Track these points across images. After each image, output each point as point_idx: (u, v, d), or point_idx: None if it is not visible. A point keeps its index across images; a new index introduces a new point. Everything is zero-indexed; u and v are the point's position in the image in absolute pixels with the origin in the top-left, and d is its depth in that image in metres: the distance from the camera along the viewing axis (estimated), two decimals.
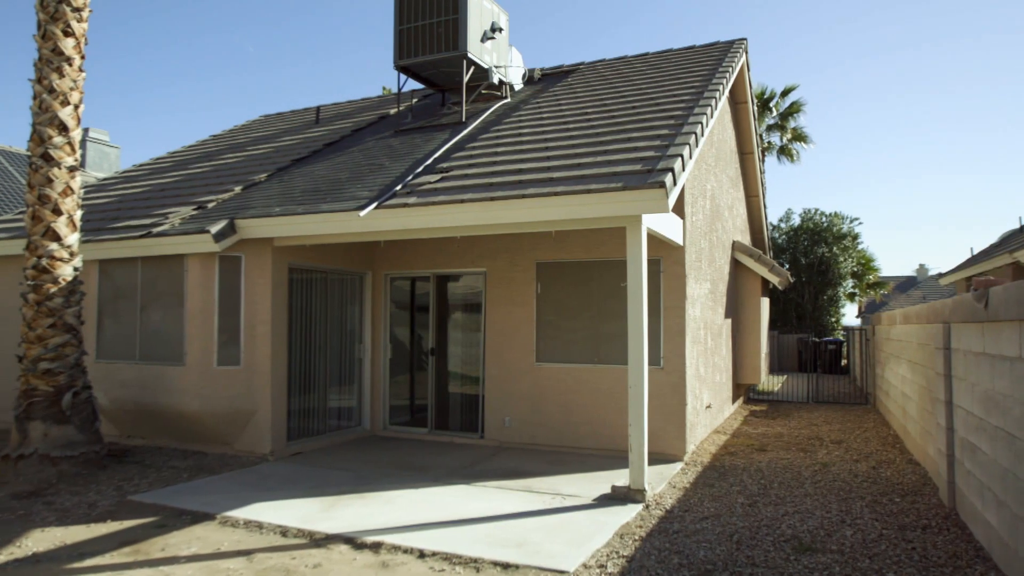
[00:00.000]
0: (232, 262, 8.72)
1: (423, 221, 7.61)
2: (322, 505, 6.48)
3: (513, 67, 12.54)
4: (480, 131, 10.23)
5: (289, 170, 10.71)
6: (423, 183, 8.17)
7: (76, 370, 7.95)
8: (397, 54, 11.61)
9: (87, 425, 7.90)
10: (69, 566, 5.01)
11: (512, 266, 9.55)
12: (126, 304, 9.27)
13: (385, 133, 11.79)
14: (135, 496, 6.79)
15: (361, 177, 9.18)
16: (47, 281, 7.82)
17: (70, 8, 7.98)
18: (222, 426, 8.72)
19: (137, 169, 13.56)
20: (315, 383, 9.64)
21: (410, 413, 10.56)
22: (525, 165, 7.94)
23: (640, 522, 6.01)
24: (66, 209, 7.98)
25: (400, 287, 10.71)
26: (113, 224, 9.60)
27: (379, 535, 5.57)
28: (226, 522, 6.01)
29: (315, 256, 9.36)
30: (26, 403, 7.64)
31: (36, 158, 7.91)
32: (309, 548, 5.41)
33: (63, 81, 7.97)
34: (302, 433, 9.34)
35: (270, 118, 16.39)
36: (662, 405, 8.53)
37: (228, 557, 5.21)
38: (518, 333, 9.45)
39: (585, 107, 10.21)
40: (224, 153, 13.17)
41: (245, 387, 8.65)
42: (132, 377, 9.07)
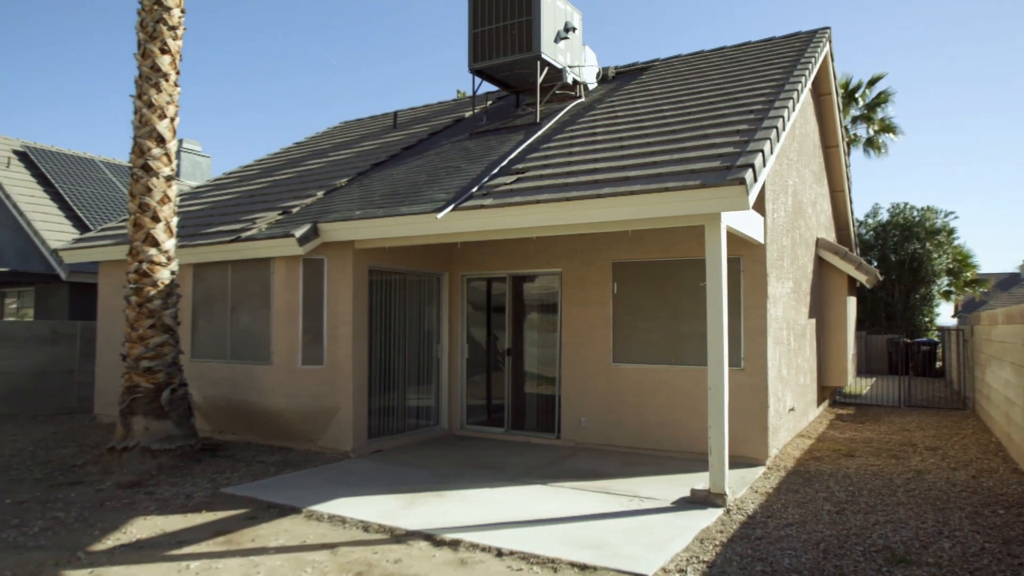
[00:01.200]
0: (315, 264, 9.03)
1: (499, 222, 7.68)
2: (402, 502, 6.62)
3: (587, 66, 12.48)
4: (554, 131, 10.23)
5: (369, 174, 11.00)
6: (499, 184, 8.24)
7: (173, 368, 8.40)
8: (472, 58, 11.75)
9: (183, 420, 8.34)
10: (169, 552, 5.30)
11: (588, 266, 9.51)
12: (218, 306, 9.74)
13: (461, 136, 11.95)
14: (227, 489, 7.11)
15: (438, 180, 9.33)
16: (147, 284, 8.29)
17: (166, 27, 8.44)
18: (306, 423, 9.04)
19: (227, 177, 14.22)
20: (394, 382, 9.86)
21: (487, 413, 10.66)
22: (600, 165, 7.90)
23: (721, 527, 5.88)
24: (164, 216, 8.44)
25: (477, 288, 10.83)
26: (206, 230, 10.09)
27: (457, 533, 5.65)
28: (311, 516, 6.23)
29: (394, 258, 9.58)
30: (129, 399, 8.13)
31: (137, 169, 8.41)
32: (390, 543, 5.54)
33: (160, 96, 8.43)
34: (382, 431, 9.58)
35: (350, 124, 16.87)
36: (743, 407, 8.31)
37: (313, 550, 5.40)
38: (594, 333, 9.40)
39: (660, 104, 10.06)
40: (307, 159, 13.64)
41: (328, 386, 8.94)
42: (223, 375, 9.51)
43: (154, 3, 8.39)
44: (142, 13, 8.46)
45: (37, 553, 5.25)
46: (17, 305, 16.03)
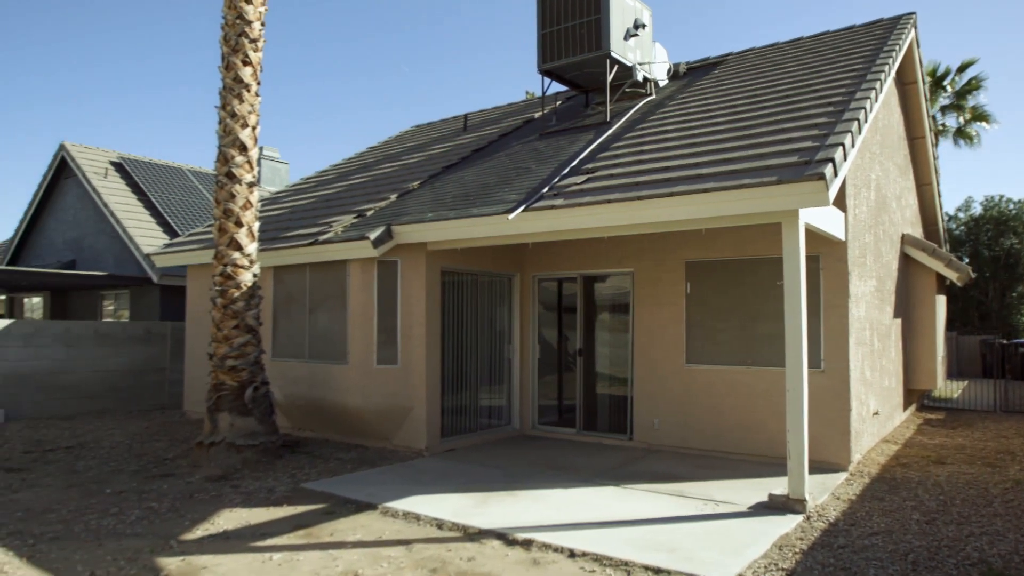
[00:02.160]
0: (389, 266, 9.23)
1: (570, 222, 7.66)
2: (474, 501, 6.69)
3: (657, 63, 12.31)
4: (625, 130, 10.14)
5: (440, 177, 11.16)
6: (569, 184, 8.22)
7: (256, 367, 8.74)
8: (540, 58, 11.76)
9: (265, 417, 8.66)
10: (253, 544, 5.52)
11: (660, 266, 9.38)
12: (297, 307, 10.08)
13: (530, 137, 11.98)
14: (306, 484, 7.35)
15: (509, 181, 9.39)
16: (231, 287, 8.66)
17: (248, 40, 8.80)
18: (381, 422, 9.25)
19: (304, 182, 14.69)
20: (467, 382, 9.97)
21: (558, 413, 10.66)
22: (672, 163, 7.78)
23: (801, 534, 5.70)
24: (246, 221, 8.79)
25: (547, 288, 10.84)
26: (285, 233, 10.46)
27: (530, 532, 5.67)
28: (386, 512, 6.37)
29: (466, 259, 9.69)
30: (216, 396, 8.50)
31: (221, 176, 8.79)
32: (463, 541, 5.61)
33: (243, 106, 8.79)
34: (455, 430, 9.70)
35: (421, 128, 17.17)
36: (823, 410, 8.03)
37: (389, 545, 5.52)
38: (667, 334, 9.27)
39: (734, 99, 9.83)
40: (380, 163, 13.96)
41: (402, 385, 9.12)
42: (302, 374, 9.83)
43: (236, 18, 8.76)
44: (225, 28, 8.84)
45: (134, 540, 5.56)
46: (114, 307, 17.01)
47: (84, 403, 13.04)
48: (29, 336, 12.52)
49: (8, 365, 12.20)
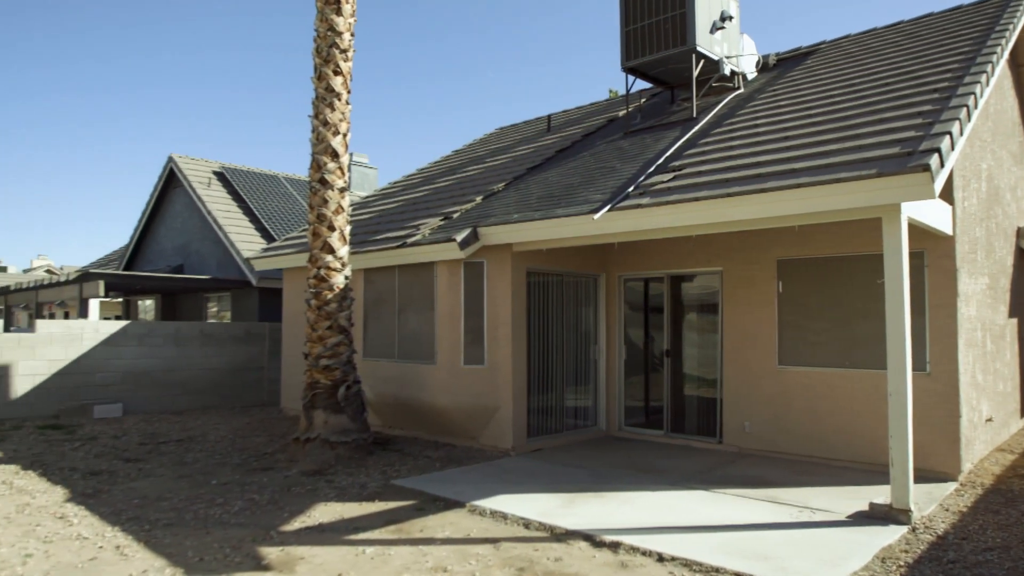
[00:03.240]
0: (475, 268, 9.35)
1: (656, 221, 7.55)
2: (561, 501, 6.69)
3: (745, 55, 11.95)
4: (712, 126, 9.90)
5: (524, 178, 11.22)
6: (655, 183, 8.10)
7: (348, 367, 9.04)
8: (624, 56, 11.64)
9: (357, 415, 8.94)
10: (347, 537, 5.71)
11: (751, 264, 9.10)
12: (386, 308, 10.36)
13: (615, 135, 11.88)
14: (396, 481, 7.54)
15: (593, 180, 9.34)
16: (325, 288, 8.99)
17: (338, 51, 9.11)
18: (468, 421, 9.37)
19: (392, 186, 15.08)
20: (552, 383, 9.98)
21: (645, 415, 10.51)
22: (763, 158, 7.53)
23: (905, 546, 5.40)
24: (338, 225, 9.11)
25: (633, 288, 10.71)
26: (374, 237, 10.77)
27: (617, 535, 5.62)
28: (474, 511, 6.45)
29: (551, 260, 9.70)
30: (311, 394, 8.85)
31: (315, 182, 9.13)
32: (550, 542, 5.62)
33: (334, 114, 9.11)
34: (541, 431, 9.72)
35: (505, 130, 17.31)
36: (929, 416, 7.58)
37: (477, 543, 5.59)
38: (758, 334, 8.98)
39: (828, 89, 9.42)
40: (465, 166, 14.16)
41: (489, 385, 9.22)
42: (392, 374, 10.10)
43: (327, 30, 9.09)
44: (317, 40, 9.18)
45: (238, 530, 5.86)
46: (217, 308, 17.98)
47: (191, 399, 13.84)
48: (143, 336, 13.40)
49: (125, 363, 13.10)
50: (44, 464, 8.41)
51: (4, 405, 11.87)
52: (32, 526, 5.96)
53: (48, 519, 6.16)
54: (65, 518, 6.19)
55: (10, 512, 6.37)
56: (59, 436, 10.37)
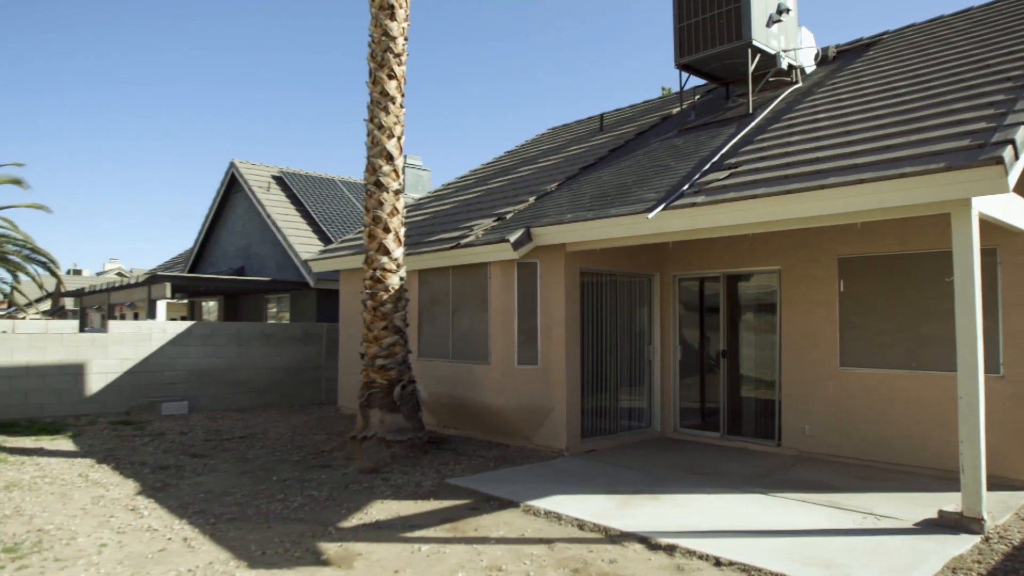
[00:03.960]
0: (529, 268, 9.36)
1: (712, 220, 7.42)
2: (616, 503, 6.64)
3: (803, 48, 11.65)
4: (769, 121, 9.68)
5: (577, 178, 11.18)
6: (711, 181, 7.97)
7: (403, 366, 9.16)
8: (677, 52, 11.49)
9: (412, 414, 9.06)
10: (403, 535, 5.79)
11: (810, 263, 8.87)
12: (440, 308, 10.46)
13: (669, 133, 11.73)
14: (451, 480, 7.61)
15: (647, 179, 9.25)
16: (380, 289, 9.13)
17: (392, 55, 9.25)
18: (522, 421, 9.39)
19: (445, 188, 15.22)
20: (606, 383, 9.92)
21: (700, 416, 10.35)
22: (823, 153, 7.33)
23: (978, 557, 5.18)
24: (393, 227, 9.24)
25: (688, 288, 10.56)
26: (429, 238, 10.89)
27: (673, 538, 5.55)
28: (528, 511, 6.46)
29: (604, 260, 9.64)
30: (367, 393, 9.00)
31: (370, 185, 9.29)
32: (604, 543, 5.58)
33: (388, 118, 9.25)
34: (594, 431, 9.67)
35: (557, 130, 17.28)
36: (1003, 420, 7.25)
37: (531, 543, 5.59)
38: (818, 335, 8.74)
39: (892, 81, 9.10)
40: (518, 167, 14.19)
41: (542, 385, 9.22)
42: (446, 374, 10.19)
43: (382, 35, 9.23)
44: (372, 45, 9.33)
45: (298, 525, 6.01)
46: (276, 309, 18.46)
47: (253, 397, 14.24)
48: (207, 336, 13.86)
49: (191, 362, 13.57)
50: (116, 458, 8.78)
51: (80, 401, 12.43)
52: (106, 517, 6.23)
53: (121, 511, 6.43)
54: (136, 510, 6.44)
55: (86, 503, 6.67)
56: (130, 432, 10.81)
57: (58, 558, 5.19)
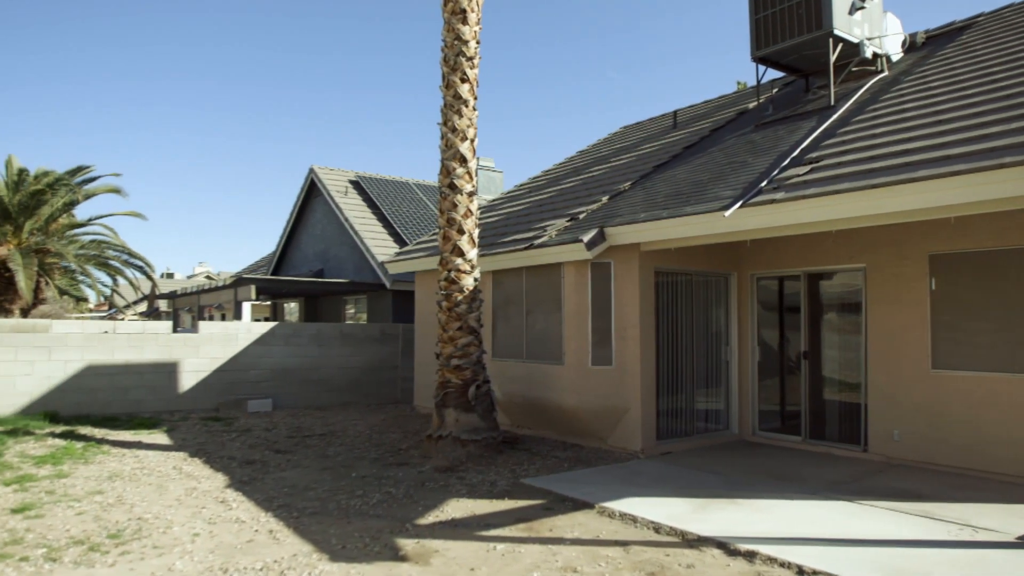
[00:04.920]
0: (602, 268, 9.30)
1: (792, 217, 7.20)
2: (692, 506, 6.52)
3: (889, 36, 11.14)
4: (853, 113, 9.30)
5: (651, 176, 11.04)
6: (790, 176, 7.73)
7: (478, 366, 9.25)
8: (754, 45, 11.19)
9: (487, 414, 9.14)
10: (478, 533, 5.85)
11: (898, 260, 8.47)
12: (514, 309, 10.51)
13: (745, 129, 11.44)
14: (525, 480, 7.63)
15: (723, 176, 9.04)
16: (455, 291, 9.25)
17: (465, 59, 9.35)
18: (596, 422, 9.34)
19: (517, 189, 15.29)
20: (682, 384, 9.75)
21: (781, 419, 10.04)
22: (912, 145, 7.00)
23: None
24: (467, 229, 9.35)
25: (767, 287, 10.26)
26: (502, 239, 10.97)
27: (753, 544, 5.40)
28: (603, 512, 6.41)
29: (679, 259, 9.48)
30: (442, 393, 9.13)
31: (444, 187, 9.43)
32: (681, 547, 5.49)
33: (462, 120, 9.36)
34: (670, 433, 9.52)
35: (629, 128, 17.10)
36: None
37: (606, 545, 5.55)
38: (908, 336, 8.34)
39: (988, 65, 8.60)
40: (590, 167, 14.12)
41: (616, 386, 9.14)
42: (520, 374, 10.23)
43: (454, 39, 9.35)
44: (445, 50, 9.47)
45: (376, 521, 6.16)
46: (354, 310, 18.96)
47: (332, 395, 14.68)
48: (289, 336, 14.37)
49: (274, 361, 14.10)
50: (207, 452, 9.21)
51: (174, 398, 13.11)
52: (198, 508, 6.55)
53: (211, 502, 6.74)
54: (225, 502, 6.75)
55: (180, 495, 7.03)
56: (219, 427, 11.32)
57: (156, 545, 5.49)
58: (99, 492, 7.09)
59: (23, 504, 6.54)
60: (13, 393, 11.75)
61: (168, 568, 5.01)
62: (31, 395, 11.88)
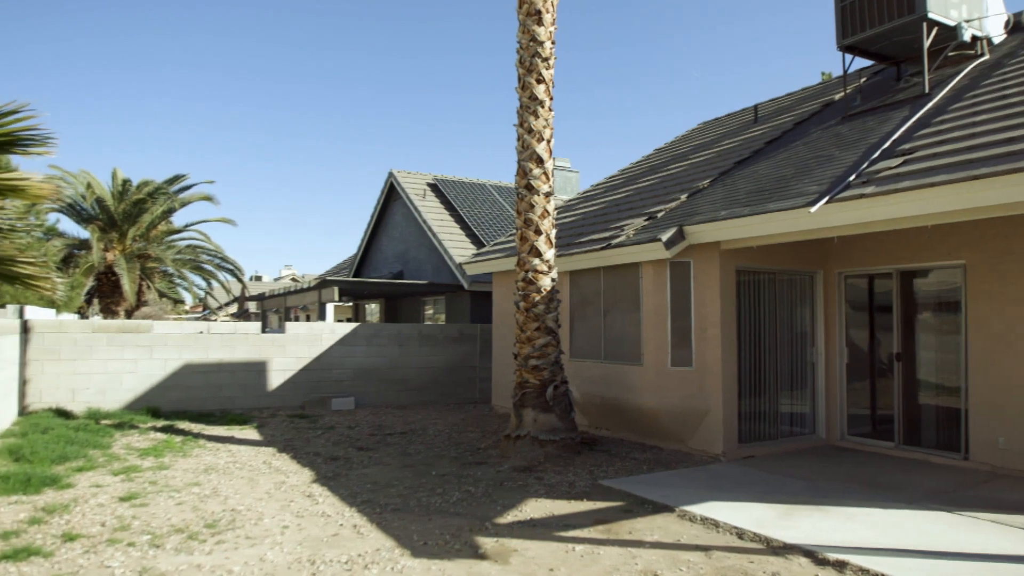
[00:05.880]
0: (681, 267, 9.14)
1: (883, 212, 6.87)
2: (778, 512, 6.31)
3: (990, 16, 10.48)
4: (949, 100, 8.81)
5: (731, 173, 10.77)
6: (881, 170, 7.38)
7: (555, 367, 9.25)
8: (840, 33, 10.75)
9: (564, 415, 9.12)
10: (557, 533, 5.85)
11: (1003, 256, 7.95)
12: (592, 309, 10.46)
13: (831, 121, 11.00)
14: (604, 481, 7.58)
15: (808, 171, 8.73)
16: (532, 291, 9.28)
17: (540, 59, 9.37)
18: (676, 424, 9.18)
19: (594, 189, 15.20)
20: (765, 386, 9.46)
21: (871, 424, 9.60)
22: (1017, 132, 6.56)
23: None
24: (544, 229, 9.36)
25: (856, 285, 9.83)
26: (578, 239, 10.93)
27: (843, 553, 5.19)
28: (683, 516, 6.30)
29: (761, 257, 9.21)
30: (520, 393, 9.18)
31: (521, 188, 9.47)
32: (766, 555, 5.33)
33: (538, 121, 9.38)
34: (752, 437, 9.26)
35: (708, 124, 16.72)
36: None
37: (688, 550, 5.45)
38: (1015, 337, 7.82)
39: None
40: (668, 164, 13.89)
41: (697, 387, 8.96)
42: (598, 374, 10.17)
43: (529, 40, 9.38)
44: (520, 51, 9.51)
45: (456, 519, 6.24)
46: (432, 311, 19.29)
47: (411, 395, 14.98)
48: (370, 336, 14.76)
49: (356, 360, 14.51)
50: (294, 448, 9.57)
51: (262, 395, 13.68)
52: (287, 501, 6.81)
53: (299, 496, 7.00)
54: (312, 497, 6.99)
55: (270, 488, 7.33)
56: (305, 424, 11.74)
57: (248, 536, 5.74)
58: (196, 484, 7.48)
59: (130, 493, 6.97)
60: (119, 389, 12.53)
61: (260, 558, 5.23)
62: (135, 391, 12.64)
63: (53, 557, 5.17)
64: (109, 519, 6.12)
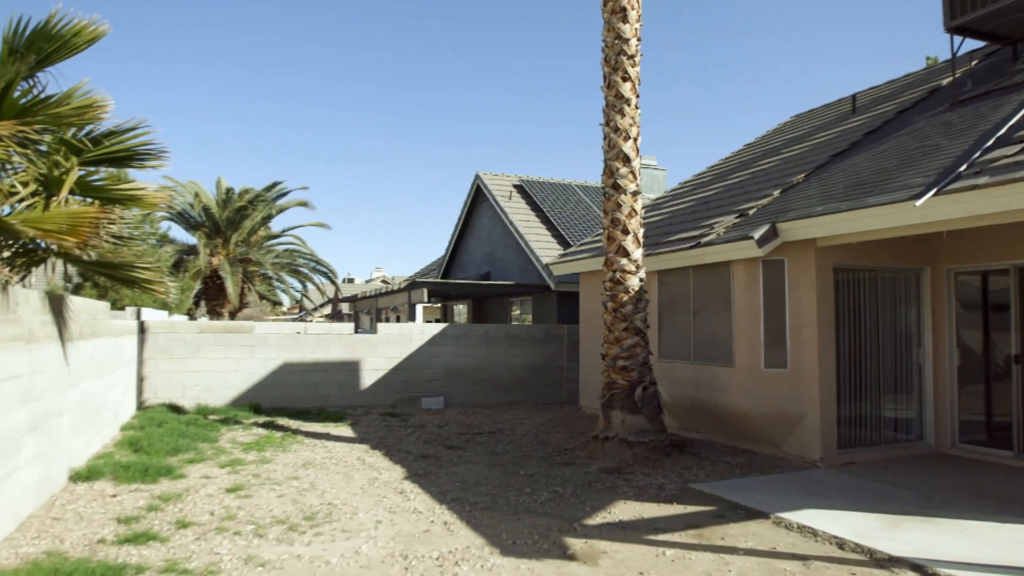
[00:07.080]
0: (775, 266, 8.84)
1: (1000, 204, 6.42)
2: (881, 523, 6.01)
3: None
4: None
5: (827, 166, 10.33)
6: (997, 158, 6.90)
7: (644, 368, 9.13)
8: (948, 15, 10.15)
9: (653, 416, 8.99)
10: (646, 537, 5.77)
11: None
12: (680, 309, 10.27)
13: (938, 108, 10.37)
14: (694, 485, 7.42)
15: (912, 162, 8.27)
16: (620, 291, 9.19)
17: (626, 57, 9.27)
18: (769, 427, 8.88)
19: (682, 186, 14.90)
20: (866, 390, 9.02)
21: (986, 431, 8.98)
22: None
23: None
24: (632, 229, 9.26)
25: (967, 283, 9.23)
26: (667, 238, 10.74)
27: (954, 569, 4.89)
28: (779, 523, 6.09)
29: (861, 254, 8.79)
30: (608, 394, 9.11)
31: (608, 188, 9.40)
32: (869, 567, 5.09)
33: (624, 120, 9.29)
34: (852, 442, 8.84)
35: (801, 117, 16.09)
36: None
37: (784, 558, 5.27)
38: None
39: None
40: (758, 159, 13.46)
41: (792, 390, 8.64)
42: (687, 376, 9.97)
43: (615, 38, 9.30)
44: (605, 49, 9.44)
45: (544, 519, 6.26)
46: (519, 311, 19.41)
47: (499, 395, 15.12)
48: (459, 337, 15.00)
49: (445, 360, 14.78)
50: (386, 446, 9.85)
51: (356, 394, 14.14)
52: (380, 497, 7.01)
53: (391, 493, 7.20)
54: (404, 493, 7.17)
55: (364, 484, 7.57)
56: (396, 423, 12.05)
57: (344, 529, 5.95)
58: (295, 478, 7.81)
59: (235, 485, 7.36)
60: (224, 386, 13.25)
61: (355, 551, 5.42)
62: (239, 388, 13.33)
63: (168, 542, 5.52)
64: (217, 508, 6.48)
